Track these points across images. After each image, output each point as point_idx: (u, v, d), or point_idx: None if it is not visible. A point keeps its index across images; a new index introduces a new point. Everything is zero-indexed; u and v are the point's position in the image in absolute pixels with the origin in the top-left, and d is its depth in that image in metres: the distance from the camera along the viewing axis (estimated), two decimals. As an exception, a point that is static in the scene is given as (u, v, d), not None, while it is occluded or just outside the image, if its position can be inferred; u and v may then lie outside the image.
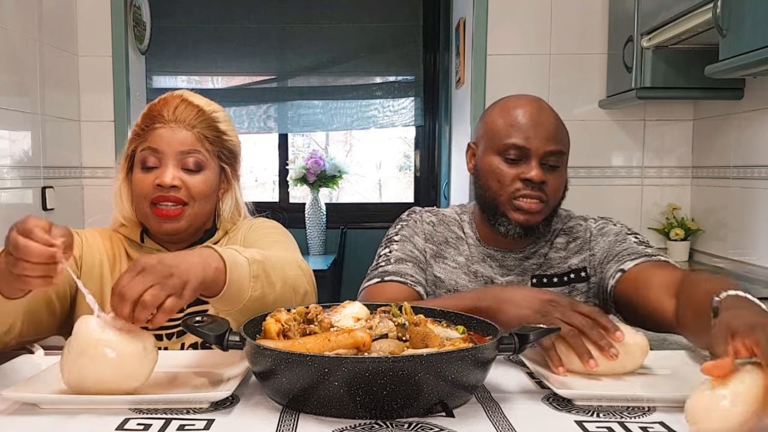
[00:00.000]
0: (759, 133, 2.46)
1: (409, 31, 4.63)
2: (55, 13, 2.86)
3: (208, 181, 1.36)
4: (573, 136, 1.51)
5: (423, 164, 4.80)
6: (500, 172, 1.41)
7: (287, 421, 0.90)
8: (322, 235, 4.43)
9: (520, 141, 1.39)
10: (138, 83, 3.26)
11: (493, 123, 1.45)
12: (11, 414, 0.93)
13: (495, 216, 1.44)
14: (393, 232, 1.53)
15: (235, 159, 1.43)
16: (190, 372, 1.10)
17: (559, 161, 1.42)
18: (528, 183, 1.39)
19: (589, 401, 0.97)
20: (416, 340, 0.99)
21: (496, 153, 1.42)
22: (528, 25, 2.97)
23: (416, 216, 1.55)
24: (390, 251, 1.48)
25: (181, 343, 1.34)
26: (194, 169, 1.34)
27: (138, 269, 0.97)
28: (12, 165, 2.53)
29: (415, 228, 1.53)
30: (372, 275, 1.46)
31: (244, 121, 4.65)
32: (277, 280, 1.16)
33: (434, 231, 1.53)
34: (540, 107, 1.45)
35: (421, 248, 1.50)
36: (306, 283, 1.25)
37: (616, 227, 1.51)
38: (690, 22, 2.19)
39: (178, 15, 4.46)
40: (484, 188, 1.45)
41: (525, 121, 1.41)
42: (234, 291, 1.08)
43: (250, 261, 1.12)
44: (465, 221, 1.55)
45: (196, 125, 1.35)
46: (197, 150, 1.34)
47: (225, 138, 1.40)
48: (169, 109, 1.34)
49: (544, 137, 1.40)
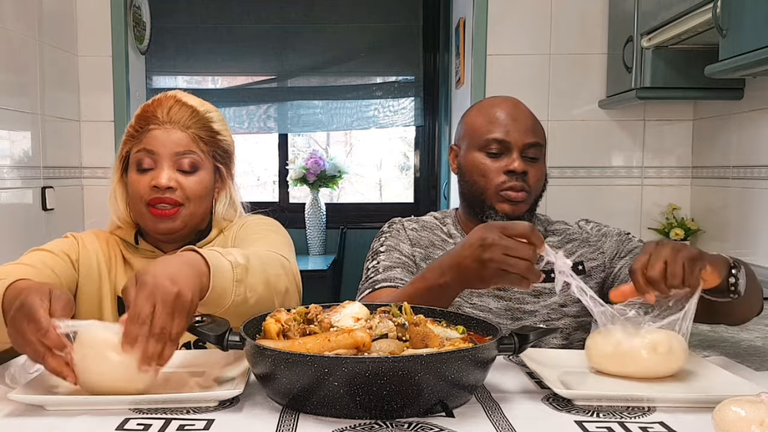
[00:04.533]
0: (759, 133, 2.46)
1: (409, 31, 4.63)
2: (55, 13, 2.86)
3: (203, 182, 1.36)
4: (573, 136, 1.53)
5: (423, 164, 4.80)
6: (484, 166, 1.49)
7: (287, 421, 0.90)
8: (322, 235, 4.43)
9: (500, 135, 1.47)
10: (138, 83, 3.26)
11: (473, 122, 1.53)
12: (11, 414, 0.93)
13: (482, 209, 1.50)
14: (377, 245, 1.56)
15: (229, 158, 1.44)
16: (189, 372, 1.10)
17: (537, 153, 1.50)
18: (512, 174, 1.46)
19: (589, 401, 0.97)
20: (416, 340, 0.99)
21: (479, 149, 1.50)
22: (528, 25, 2.97)
23: (397, 225, 1.59)
24: (378, 262, 1.50)
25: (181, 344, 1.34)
26: (189, 170, 1.34)
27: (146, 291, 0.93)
28: (12, 165, 2.53)
29: (398, 236, 1.55)
30: (363, 288, 1.48)
31: (244, 121, 4.65)
32: (259, 282, 1.14)
33: (419, 236, 1.56)
34: (515, 104, 1.53)
35: (408, 254, 1.52)
36: (287, 282, 1.23)
37: (614, 229, 1.59)
38: (690, 22, 2.19)
39: (178, 15, 4.46)
40: (470, 184, 1.52)
41: (503, 117, 1.49)
42: (216, 296, 1.05)
43: (234, 265, 1.09)
44: (448, 224, 1.60)
45: (191, 126, 1.35)
46: (192, 151, 1.34)
47: (219, 138, 1.40)
48: (163, 110, 1.34)
49: (522, 130, 1.48)
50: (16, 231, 2.51)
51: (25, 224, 2.57)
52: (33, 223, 2.63)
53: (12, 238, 2.46)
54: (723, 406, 0.80)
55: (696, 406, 0.95)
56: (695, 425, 0.90)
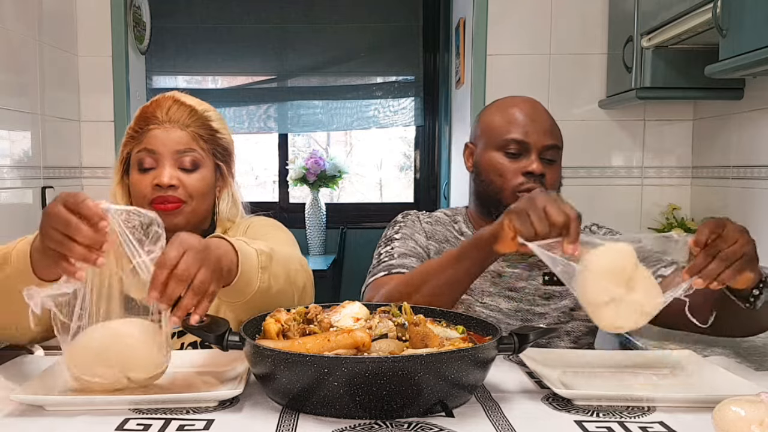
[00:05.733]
0: (759, 133, 2.46)
1: (409, 31, 4.62)
2: (55, 13, 2.86)
3: (205, 179, 1.37)
4: (573, 136, 1.53)
5: (423, 164, 4.80)
6: (501, 166, 1.47)
7: (287, 421, 0.90)
8: (322, 235, 4.43)
9: (519, 135, 1.46)
10: (138, 83, 3.26)
11: (491, 121, 1.51)
12: (11, 414, 0.93)
13: (498, 208, 1.47)
14: (392, 232, 1.54)
15: (229, 157, 1.44)
16: (189, 372, 1.10)
17: (555, 155, 1.50)
18: (529, 176, 1.45)
19: (589, 401, 0.97)
20: (416, 340, 0.99)
21: (496, 149, 1.48)
22: (528, 25, 2.97)
23: (413, 217, 1.58)
24: (392, 248, 1.49)
25: (181, 343, 1.34)
26: (190, 167, 1.35)
27: (175, 243, 0.96)
28: (12, 165, 2.53)
29: (413, 227, 1.54)
30: (376, 270, 1.46)
31: (244, 121, 4.65)
32: (281, 272, 1.17)
33: (434, 229, 1.55)
34: (534, 105, 1.52)
35: (423, 245, 1.51)
36: (305, 278, 1.27)
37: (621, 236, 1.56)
38: (690, 22, 2.19)
39: (178, 15, 4.46)
40: (486, 183, 1.50)
41: (522, 118, 1.48)
42: (244, 281, 1.09)
43: (258, 252, 1.13)
44: (459, 221, 1.58)
45: (190, 124, 1.36)
46: (193, 149, 1.35)
47: (219, 136, 1.41)
48: (162, 110, 1.36)
49: (541, 132, 1.47)
50: (16, 231, 2.50)
51: (25, 224, 2.57)
52: (33, 223, 2.61)
53: (12, 238, 2.45)
54: (723, 406, 0.80)
55: (696, 406, 0.95)
56: (695, 425, 0.90)
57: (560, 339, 1.49)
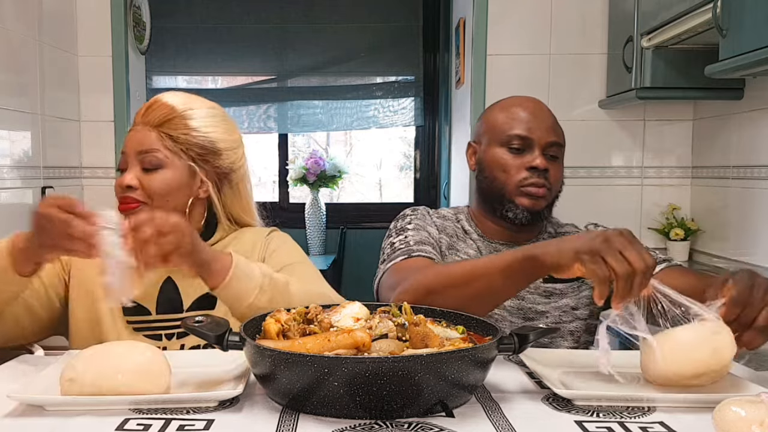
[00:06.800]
0: (759, 133, 2.46)
1: (409, 31, 4.63)
2: (55, 13, 2.86)
3: (166, 180, 1.34)
4: (573, 136, 1.54)
5: (423, 164, 4.80)
6: (505, 162, 1.49)
7: (287, 422, 0.90)
8: (322, 235, 4.43)
9: (523, 131, 1.48)
10: (138, 83, 3.26)
11: (495, 119, 1.53)
12: (11, 414, 0.93)
13: (502, 204, 1.49)
14: (404, 223, 1.51)
15: (211, 156, 1.38)
16: (189, 372, 1.10)
17: (558, 153, 1.51)
18: (534, 171, 1.47)
19: (589, 401, 0.97)
20: (416, 340, 0.99)
21: (500, 145, 1.50)
22: (528, 25, 2.97)
23: (422, 211, 1.58)
24: (406, 236, 1.46)
25: (181, 344, 1.34)
26: (150, 167, 1.34)
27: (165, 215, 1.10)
28: (12, 165, 2.53)
29: (425, 220, 1.54)
30: (394, 256, 1.41)
31: (244, 121, 4.65)
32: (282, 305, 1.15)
33: (443, 224, 1.56)
34: (537, 104, 1.54)
35: (436, 237, 1.51)
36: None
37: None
38: (690, 22, 2.19)
39: (178, 15, 4.46)
40: (490, 179, 1.51)
41: (526, 115, 1.50)
42: (234, 290, 1.16)
43: (263, 274, 1.20)
44: (462, 219, 1.59)
45: (162, 124, 1.35)
46: (155, 149, 1.34)
47: (194, 134, 1.36)
48: (142, 112, 1.37)
49: (544, 129, 1.49)
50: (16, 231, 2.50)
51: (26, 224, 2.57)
52: (33, 223, 2.63)
53: (12, 238, 2.46)
54: (723, 406, 0.80)
55: (696, 406, 0.95)
56: (695, 425, 0.90)
57: (563, 339, 1.49)
